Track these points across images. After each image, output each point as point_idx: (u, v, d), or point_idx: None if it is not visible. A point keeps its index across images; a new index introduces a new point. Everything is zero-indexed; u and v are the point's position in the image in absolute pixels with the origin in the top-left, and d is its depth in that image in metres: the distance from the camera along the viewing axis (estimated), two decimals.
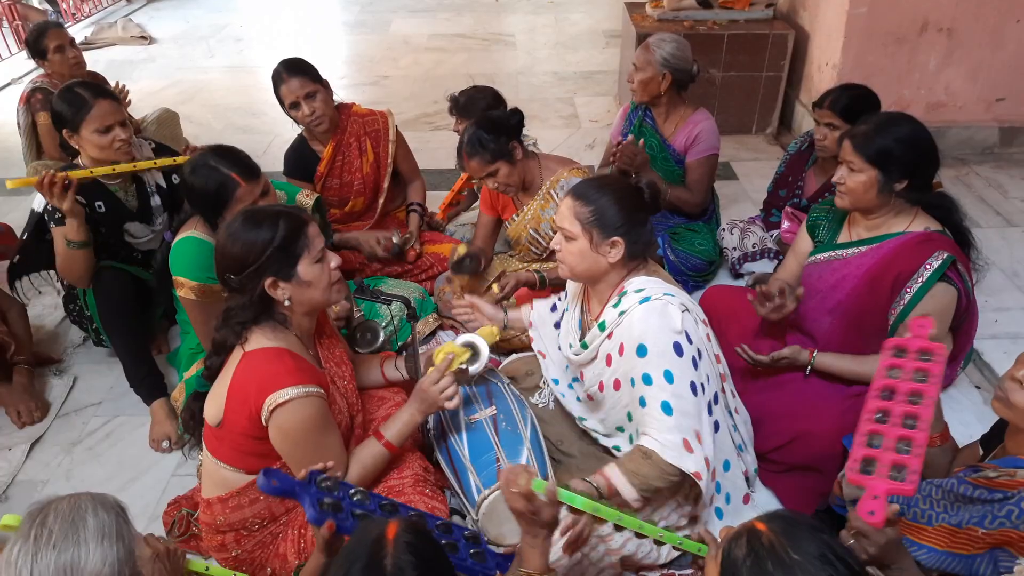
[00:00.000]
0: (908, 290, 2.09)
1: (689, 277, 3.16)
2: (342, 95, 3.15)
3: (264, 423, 1.74)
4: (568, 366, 2.24)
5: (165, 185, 2.75)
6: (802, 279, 2.42)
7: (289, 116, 2.97)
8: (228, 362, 1.82)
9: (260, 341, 1.79)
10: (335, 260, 1.89)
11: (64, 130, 2.53)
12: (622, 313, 1.90)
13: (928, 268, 2.06)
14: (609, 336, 1.95)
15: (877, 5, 3.84)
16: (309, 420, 1.76)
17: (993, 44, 3.95)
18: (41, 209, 2.55)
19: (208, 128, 5.06)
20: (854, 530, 1.36)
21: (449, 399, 1.98)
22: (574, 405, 2.24)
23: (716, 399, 2.00)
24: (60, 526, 1.21)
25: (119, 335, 2.65)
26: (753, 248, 3.19)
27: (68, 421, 2.71)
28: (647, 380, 1.84)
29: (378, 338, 2.66)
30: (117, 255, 2.71)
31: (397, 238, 3.06)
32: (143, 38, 7.00)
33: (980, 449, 1.80)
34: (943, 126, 4.13)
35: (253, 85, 5.80)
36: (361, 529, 1.23)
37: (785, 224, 3.07)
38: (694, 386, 1.85)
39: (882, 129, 2.09)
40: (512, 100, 3.10)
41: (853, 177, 2.12)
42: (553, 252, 2.04)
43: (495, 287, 2.70)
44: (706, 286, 3.10)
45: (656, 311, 1.86)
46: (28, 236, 2.66)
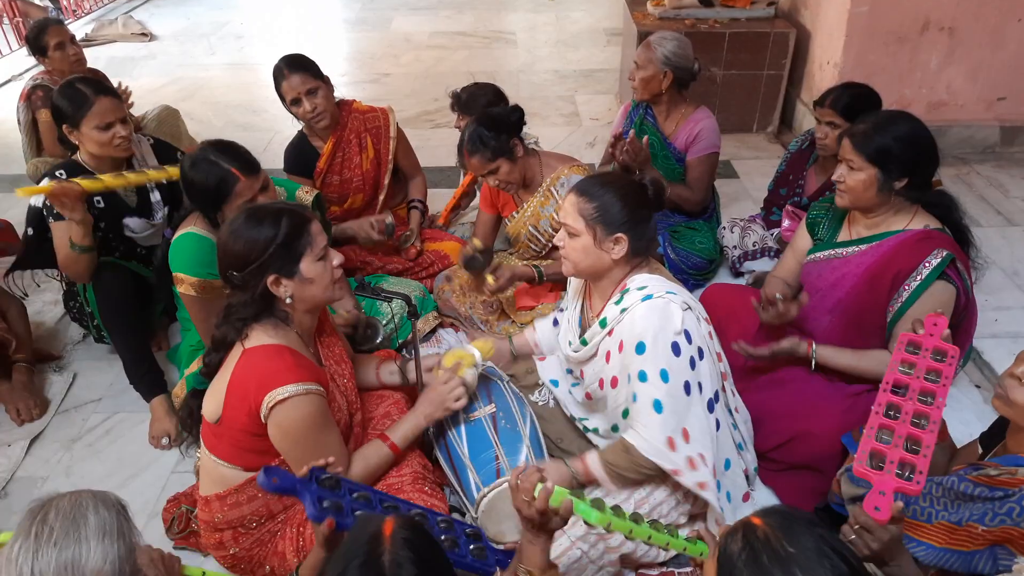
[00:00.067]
0: (906, 288, 2.09)
1: (689, 275, 3.16)
2: (343, 92, 3.14)
3: (263, 420, 1.74)
4: (569, 370, 2.24)
5: (164, 181, 2.75)
6: (802, 277, 2.42)
7: (290, 112, 2.97)
8: (228, 359, 1.82)
9: (261, 338, 1.79)
10: (338, 258, 1.89)
11: (64, 125, 2.53)
12: (624, 310, 1.90)
13: (927, 266, 2.06)
14: (610, 333, 1.95)
15: (878, 4, 3.84)
16: (308, 418, 1.76)
17: (994, 43, 3.95)
18: (40, 205, 2.55)
19: (208, 125, 5.05)
20: (857, 525, 1.35)
21: (457, 400, 2.04)
22: (574, 407, 2.25)
23: (717, 397, 2.00)
24: (61, 524, 1.21)
25: (119, 332, 2.65)
26: (754, 247, 3.19)
27: (68, 417, 2.71)
28: (642, 377, 1.85)
29: (377, 335, 2.66)
30: (117, 251, 2.71)
31: (390, 218, 3.05)
32: (144, 35, 6.99)
33: (980, 447, 1.80)
34: (944, 125, 4.12)
35: (254, 82, 5.80)
36: (358, 526, 1.23)
37: (786, 223, 3.07)
38: (688, 386, 1.86)
39: (881, 127, 2.09)
40: (513, 98, 3.10)
41: (853, 175, 2.12)
42: (552, 250, 2.04)
43: (490, 278, 2.69)
44: (706, 284, 3.10)
45: (658, 309, 1.86)
46: (32, 233, 2.65)
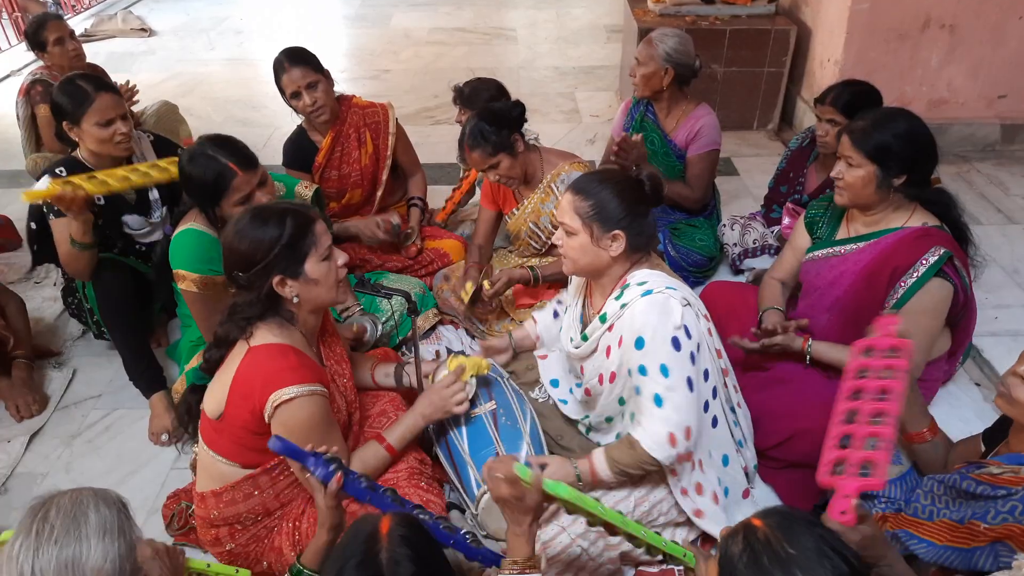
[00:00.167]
0: (903, 284, 2.09)
1: (689, 273, 3.15)
2: (342, 88, 3.13)
3: (267, 419, 1.74)
4: (569, 368, 2.24)
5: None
6: (800, 276, 2.42)
7: (290, 106, 2.96)
8: (231, 356, 1.82)
9: (265, 337, 1.79)
10: (342, 258, 1.89)
11: (64, 122, 2.52)
12: (624, 305, 1.90)
13: (924, 263, 2.06)
14: (610, 328, 1.95)
15: (879, 1, 3.83)
16: (312, 418, 1.76)
17: (995, 41, 3.94)
18: (43, 201, 2.54)
19: (208, 121, 5.05)
20: None
21: (458, 403, 2.04)
22: (572, 408, 2.25)
23: (715, 393, 2.00)
24: (62, 521, 1.21)
25: (119, 328, 2.65)
26: (754, 244, 3.19)
27: (67, 414, 2.71)
28: (642, 371, 1.86)
29: (375, 332, 2.66)
30: (115, 247, 2.70)
31: (396, 219, 3.04)
32: (143, 30, 6.98)
33: (982, 445, 1.80)
34: (945, 123, 4.12)
35: (253, 78, 5.79)
36: (354, 526, 1.23)
37: (786, 220, 3.06)
38: (690, 381, 1.86)
39: (880, 124, 2.09)
40: (513, 94, 3.09)
41: (851, 172, 2.12)
42: (552, 247, 2.04)
43: (486, 283, 2.69)
44: (706, 282, 3.10)
45: (658, 304, 1.86)
46: (35, 228, 2.65)
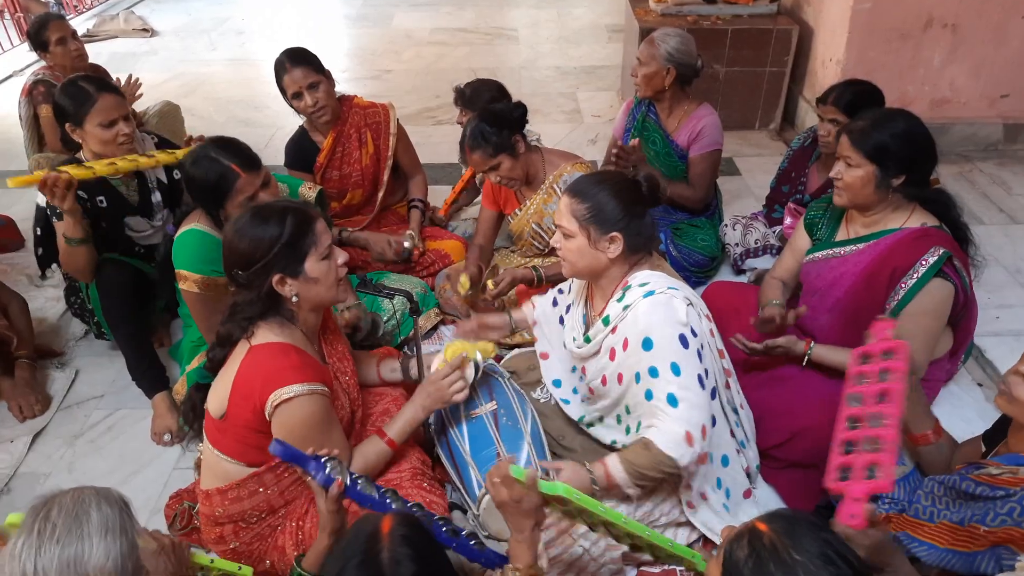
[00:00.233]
0: (903, 285, 2.09)
1: (691, 273, 3.15)
2: (344, 89, 3.14)
3: (268, 418, 1.74)
4: (574, 367, 2.24)
5: (166, 180, 2.75)
6: (800, 277, 2.42)
7: (291, 106, 2.96)
8: (233, 355, 1.82)
9: (266, 336, 1.79)
10: (342, 257, 1.88)
11: (67, 124, 2.53)
12: (626, 307, 1.90)
13: (924, 264, 2.06)
14: (613, 331, 1.95)
15: (881, 1, 3.83)
16: (313, 417, 1.76)
17: (997, 40, 3.94)
18: (45, 204, 2.55)
19: (210, 121, 5.05)
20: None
21: (456, 392, 2.02)
22: (575, 408, 2.25)
23: (714, 394, 2.00)
24: (64, 520, 1.21)
25: (121, 328, 2.65)
26: (756, 244, 3.19)
27: (70, 414, 2.72)
28: (653, 373, 1.84)
29: (378, 330, 2.66)
30: (117, 248, 2.71)
31: (409, 243, 3.04)
32: (145, 31, 6.99)
33: (982, 445, 1.80)
34: (947, 122, 4.12)
35: (255, 78, 5.79)
36: (355, 526, 1.23)
37: (788, 220, 3.06)
38: (701, 379, 1.85)
39: (879, 124, 2.09)
40: (514, 95, 3.09)
41: (850, 172, 2.12)
42: (555, 248, 2.04)
43: (490, 283, 2.69)
44: (708, 282, 3.10)
45: (661, 304, 1.86)
46: (40, 233, 2.66)
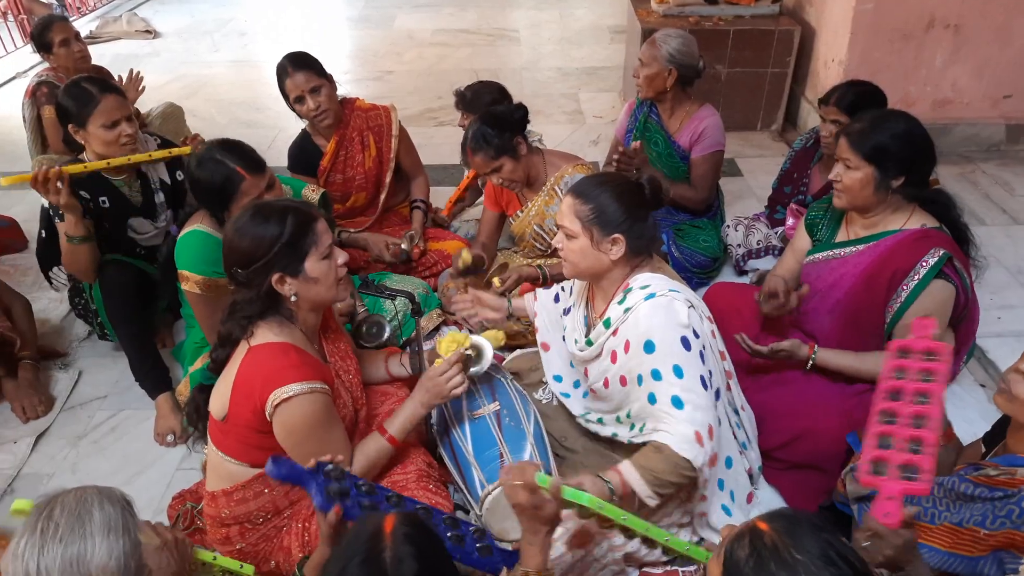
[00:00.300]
0: (904, 287, 2.09)
1: (693, 274, 3.15)
2: (346, 90, 3.15)
3: (268, 418, 1.75)
4: (572, 363, 2.24)
5: (169, 181, 2.76)
6: (801, 278, 2.42)
7: (293, 111, 2.97)
8: (234, 356, 1.82)
9: (266, 336, 1.80)
10: (342, 257, 1.88)
11: (70, 125, 2.54)
12: (627, 310, 1.90)
13: (924, 265, 2.06)
14: (614, 333, 1.95)
15: (884, 1, 3.83)
16: (313, 416, 1.76)
17: (1000, 41, 3.94)
18: (48, 204, 2.56)
19: (212, 123, 5.06)
20: (870, 532, 1.34)
21: (456, 387, 1.99)
22: (575, 404, 2.25)
23: (718, 395, 2.00)
24: (66, 519, 1.21)
25: (124, 328, 2.66)
26: (758, 245, 3.19)
27: (73, 415, 2.72)
28: (656, 376, 1.84)
29: (384, 332, 2.66)
30: (120, 249, 2.72)
31: (407, 244, 3.05)
32: (148, 32, 7.00)
33: (983, 446, 1.80)
34: (949, 123, 4.12)
35: (257, 80, 5.80)
36: (358, 524, 1.23)
37: (790, 221, 3.06)
38: (704, 380, 1.85)
39: (877, 126, 2.09)
40: (516, 96, 3.10)
41: (849, 174, 2.12)
42: (557, 248, 2.04)
43: (496, 280, 2.70)
44: (710, 283, 3.10)
45: (662, 307, 1.86)
46: (44, 236, 2.66)
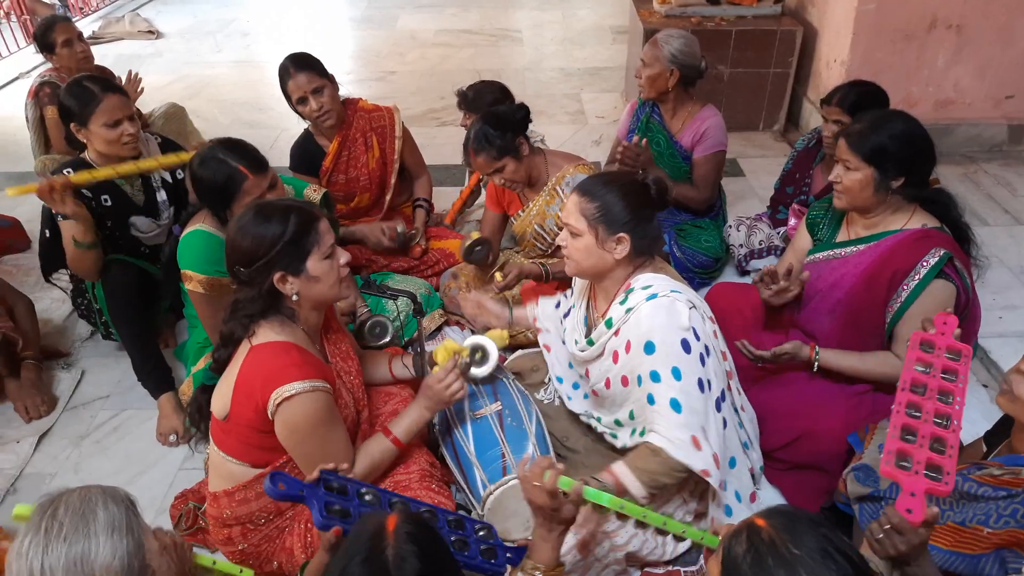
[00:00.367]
0: (905, 287, 2.08)
1: (695, 274, 3.15)
2: (348, 91, 3.14)
3: (270, 417, 1.75)
4: (571, 364, 2.24)
5: (171, 180, 2.76)
6: None
7: (295, 111, 2.97)
8: (235, 355, 1.83)
9: (267, 335, 1.80)
10: (344, 256, 1.89)
11: (72, 124, 2.54)
12: (629, 310, 1.90)
13: (924, 265, 2.05)
14: (616, 333, 1.95)
15: (886, 2, 3.82)
16: (315, 415, 1.76)
17: (1003, 41, 3.93)
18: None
19: (215, 123, 5.07)
20: (888, 524, 1.34)
21: (455, 394, 2.00)
22: (578, 404, 2.25)
23: (723, 396, 2.00)
24: (70, 519, 1.21)
25: (127, 328, 2.66)
26: (760, 245, 3.19)
27: (76, 414, 2.73)
28: (655, 377, 1.84)
29: (387, 332, 2.67)
30: (122, 249, 2.72)
31: (401, 227, 3.06)
32: (150, 32, 7.01)
33: (984, 445, 1.80)
34: (951, 123, 4.12)
35: (260, 80, 5.81)
36: (360, 523, 1.23)
37: (792, 221, 3.06)
38: (701, 383, 1.85)
39: (877, 126, 2.09)
40: (519, 96, 3.10)
41: (849, 175, 2.12)
42: (558, 248, 2.04)
43: (498, 275, 2.70)
44: (712, 283, 3.10)
45: (663, 308, 1.86)
46: (48, 235, 2.67)
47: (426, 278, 3.12)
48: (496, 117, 2.61)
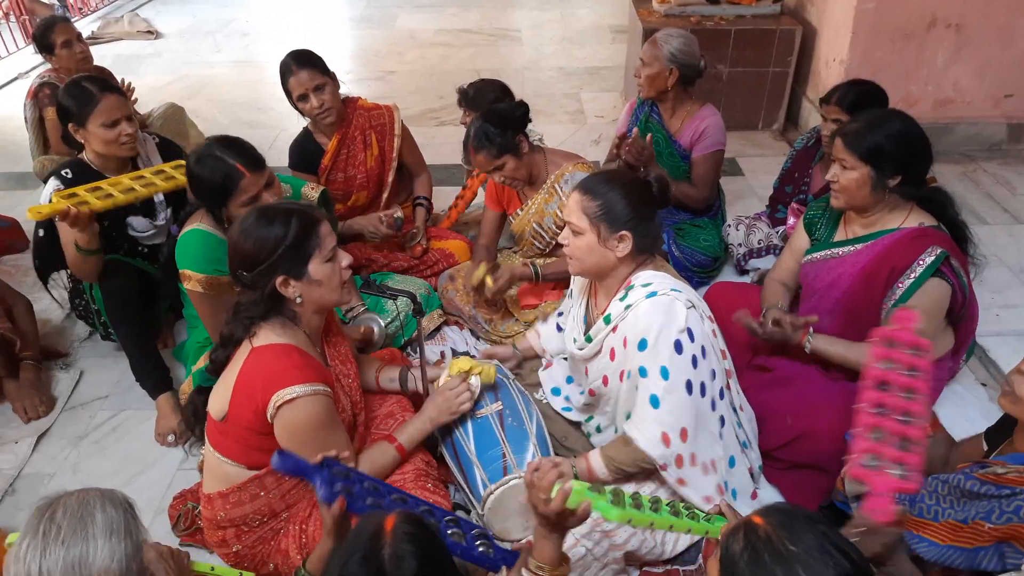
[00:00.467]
0: (900, 285, 2.09)
1: (694, 273, 3.15)
2: (348, 90, 3.14)
3: (270, 419, 1.75)
4: (570, 378, 2.25)
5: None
6: (800, 278, 2.42)
7: (296, 108, 2.96)
8: (235, 356, 1.83)
9: (269, 337, 1.80)
10: (346, 259, 1.89)
11: (70, 124, 2.54)
12: (628, 307, 1.90)
13: (921, 264, 2.06)
14: (614, 330, 1.96)
15: (885, 1, 3.82)
16: (316, 418, 1.76)
17: (1002, 40, 3.93)
18: (47, 202, 2.55)
19: (214, 123, 5.06)
20: (858, 528, 1.35)
21: (464, 403, 2.07)
22: (577, 415, 2.27)
23: (721, 395, 2.00)
24: (69, 522, 1.21)
25: (125, 329, 2.66)
26: (759, 244, 3.18)
27: (75, 415, 2.72)
28: (643, 372, 1.87)
29: (383, 333, 2.66)
30: (120, 249, 2.72)
31: (398, 212, 3.05)
32: (149, 33, 7.01)
33: (984, 443, 1.80)
34: (951, 122, 4.12)
35: (259, 80, 5.81)
36: (360, 523, 1.23)
37: (791, 220, 3.06)
38: (690, 385, 1.86)
39: (873, 126, 2.09)
40: (518, 95, 3.09)
41: (846, 175, 2.12)
42: (556, 247, 2.05)
43: (489, 280, 2.69)
44: (711, 282, 3.10)
45: (662, 306, 1.86)
46: (43, 235, 2.66)
47: (426, 278, 3.12)
48: (496, 115, 2.61)
